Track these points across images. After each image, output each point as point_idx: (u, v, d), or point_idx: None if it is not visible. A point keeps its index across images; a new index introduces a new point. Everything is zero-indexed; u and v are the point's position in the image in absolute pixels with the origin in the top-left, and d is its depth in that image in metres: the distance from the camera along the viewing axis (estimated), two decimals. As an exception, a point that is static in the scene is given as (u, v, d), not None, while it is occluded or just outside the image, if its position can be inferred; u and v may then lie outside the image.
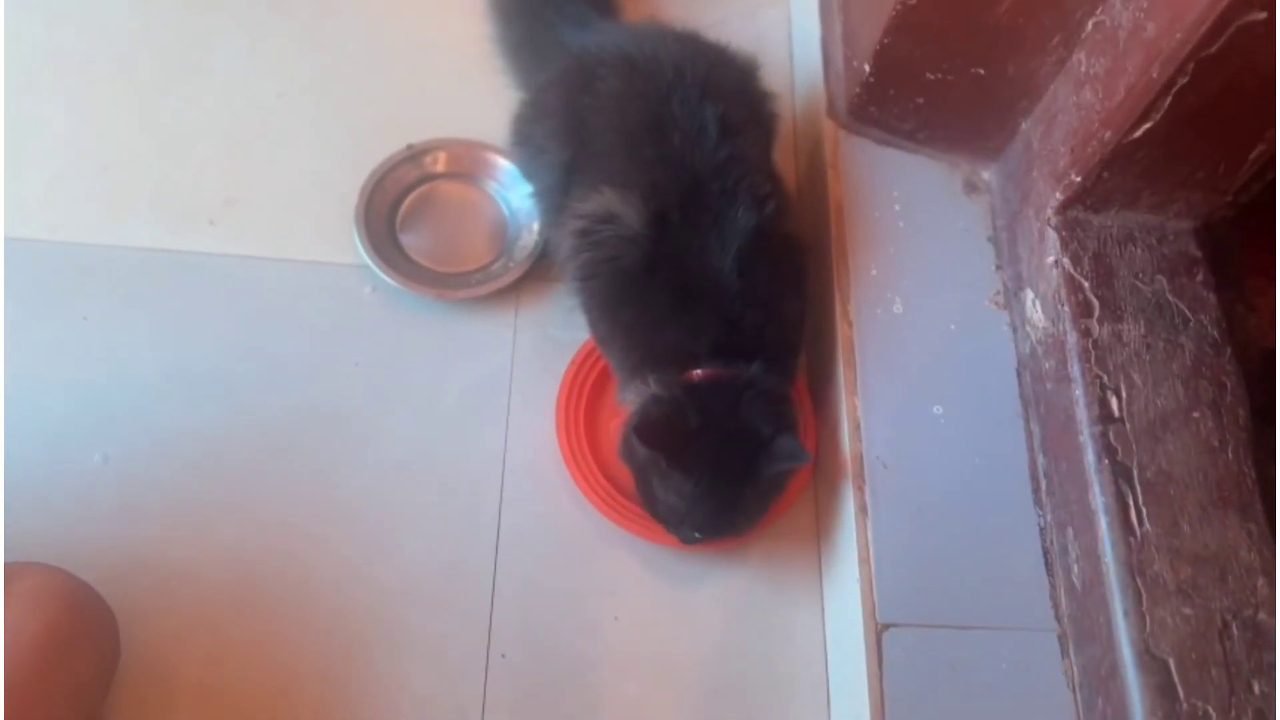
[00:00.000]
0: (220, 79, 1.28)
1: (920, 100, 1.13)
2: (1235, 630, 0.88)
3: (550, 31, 1.20)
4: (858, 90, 1.14)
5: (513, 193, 1.23)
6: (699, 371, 0.98)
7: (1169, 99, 0.90)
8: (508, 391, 1.14)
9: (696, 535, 0.99)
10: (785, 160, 1.27)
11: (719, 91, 1.04)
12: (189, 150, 1.23)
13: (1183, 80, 0.88)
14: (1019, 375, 1.08)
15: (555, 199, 1.10)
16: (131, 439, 1.06)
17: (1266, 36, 0.84)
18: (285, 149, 1.25)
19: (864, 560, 0.98)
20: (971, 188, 1.18)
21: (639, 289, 1.01)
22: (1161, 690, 0.85)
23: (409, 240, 1.21)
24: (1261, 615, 0.89)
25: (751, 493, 0.98)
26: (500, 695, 1.00)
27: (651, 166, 1.01)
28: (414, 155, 1.22)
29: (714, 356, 0.98)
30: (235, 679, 0.98)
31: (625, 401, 1.03)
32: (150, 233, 1.17)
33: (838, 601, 1.03)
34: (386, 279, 1.14)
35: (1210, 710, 0.85)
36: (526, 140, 1.16)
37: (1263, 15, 0.82)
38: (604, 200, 1.01)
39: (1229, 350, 1.01)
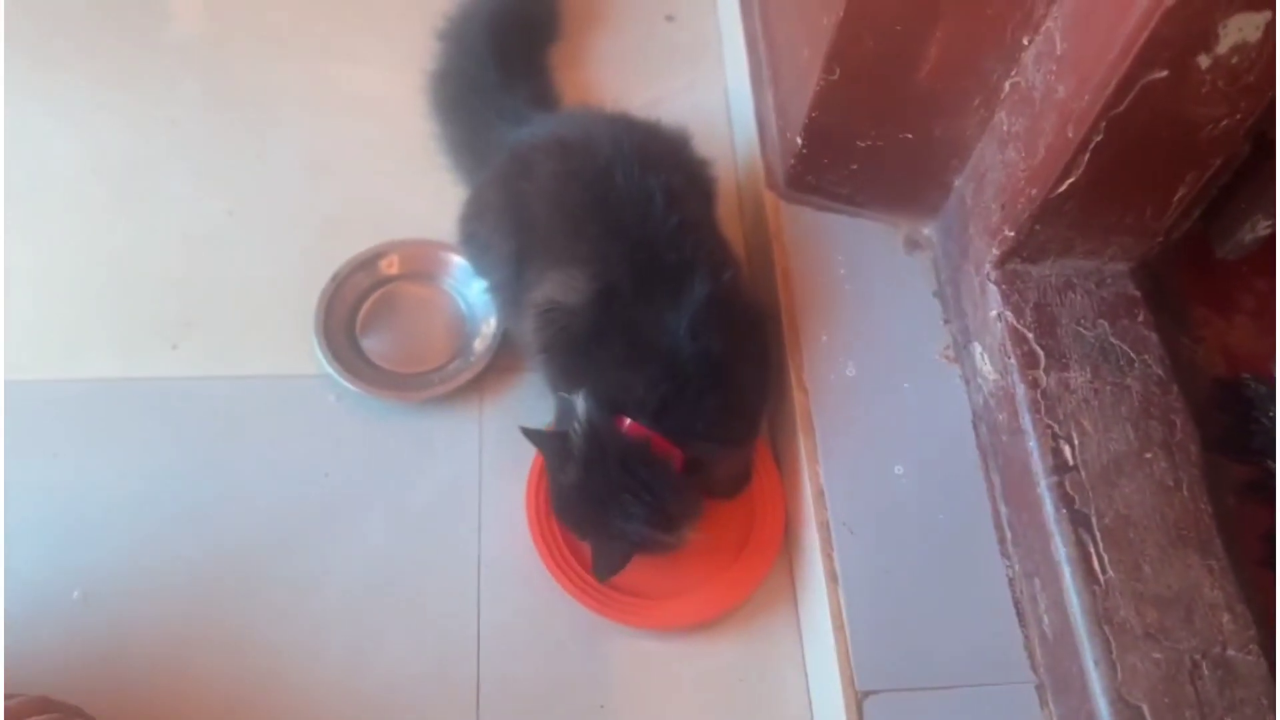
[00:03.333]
0: (170, 201, 1.30)
1: (854, 166, 1.16)
2: (1205, 669, 0.90)
3: (488, 129, 1.23)
4: (793, 161, 1.17)
5: (469, 288, 1.25)
6: (629, 422, 0.99)
7: (1087, 155, 0.93)
8: (478, 485, 1.15)
9: None
10: (733, 231, 1.29)
11: (658, 162, 1.06)
12: (145, 276, 1.25)
13: (1098, 138, 0.91)
14: (975, 427, 1.10)
15: (509, 292, 1.12)
16: (107, 573, 1.07)
17: (1171, 92, 0.87)
18: (240, 266, 1.27)
19: (838, 628, 0.99)
20: (914, 245, 1.20)
21: (591, 351, 1.02)
22: (1138, 737, 0.87)
23: (370, 344, 1.22)
24: (1230, 651, 0.90)
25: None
26: (493, 796, 1.01)
27: (598, 241, 1.02)
28: (368, 261, 1.24)
29: (656, 419, 0.98)
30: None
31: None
32: (113, 362, 1.19)
33: (819, 671, 1.04)
34: (349, 386, 1.16)
35: (1187, 753, 0.86)
36: (472, 238, 1.18)
37: (1164, 74, 0.85)
38: (547, 288, 1.03)
39: (1175, 387, 1.03)
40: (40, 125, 1.35)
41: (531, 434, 1.04)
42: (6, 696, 0.87)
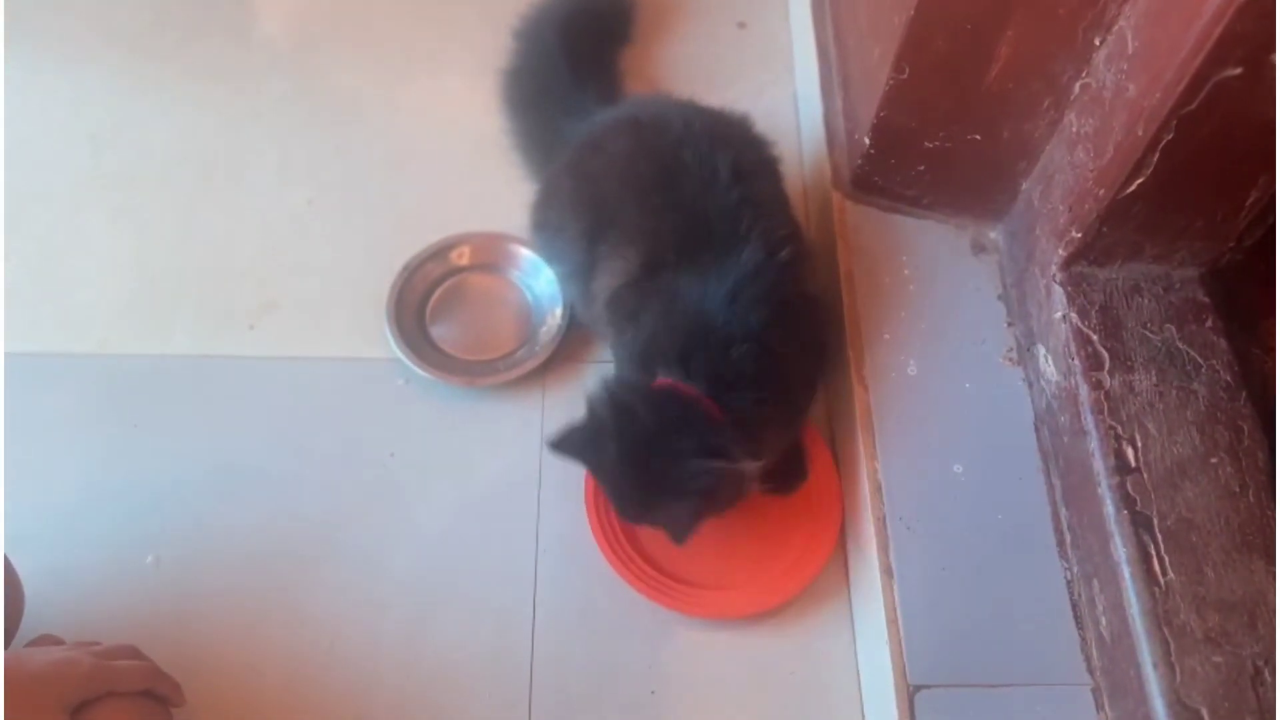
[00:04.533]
0: (255, 191, 1.36)
1: (921, 168, 1.16)
2: (1268, 676, 0.88)
3: (557, 126, 1.26)
4: (860, 162, 1.18)
5: (536, 280, 1.28)
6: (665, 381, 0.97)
7: (1157, 155, 0.92)
8: (538, 471, 1.17)
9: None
10: (798, 231, 1.30)
11: (727, 140, 1.08)
12: (228, 259, 1.30)
13: (1168, 136, 0.91)
14: (1037, 429, 1.09)
15: (581, 280, 1.13)
16: (181, 540, 1.11)
17: (1245, 91, 0.86)
18: (318, 252, 1.31)
19: (892, 622, 0.99)
20: (979, 247, 1.20)
21: (638, 316, 1.03)
22: (1195, 741, 0.85)
23: (438, 331, 1.26)
24: (1294, 659, 0.89)
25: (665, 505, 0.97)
26: (542, 774, 1.02)
27: (658, 215, 1.04)
28: (439, 251, 1.28)
29: (690, 375, 0.96)
30: (287, 769, 1.02)
31: None
32: (194, 340, 1.24)
33: (871, 665, 1.04)
34: (418, 370, 1.19)
35: (1246, 759, 0.85)
36: (544, 224, 1.21)
37: (1238, 71, 0.85)
38: (604, 279, 1.06)
39: (1244, 394, 1.01)
40: (139, 115, 1.42)
41: (561, 444, 0.99)
42: (93, 643, 0.92)
